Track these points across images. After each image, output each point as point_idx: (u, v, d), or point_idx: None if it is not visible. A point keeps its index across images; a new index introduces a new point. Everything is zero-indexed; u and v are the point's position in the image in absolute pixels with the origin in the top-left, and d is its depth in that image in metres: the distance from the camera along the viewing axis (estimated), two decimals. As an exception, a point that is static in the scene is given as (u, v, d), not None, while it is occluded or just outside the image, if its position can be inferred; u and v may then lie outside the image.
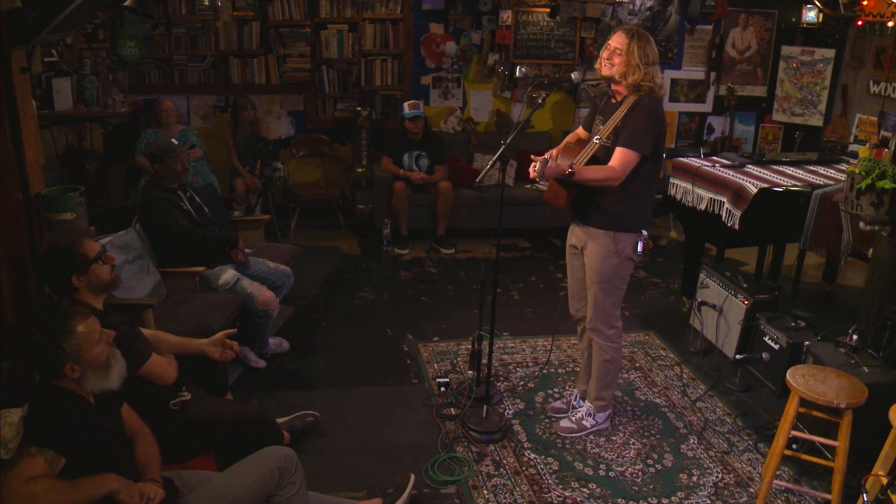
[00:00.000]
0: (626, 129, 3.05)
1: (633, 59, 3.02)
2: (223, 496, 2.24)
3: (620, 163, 3.03)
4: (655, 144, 3.08)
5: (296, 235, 6.56)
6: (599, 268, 3.24)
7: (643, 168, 3.10)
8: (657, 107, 3.09)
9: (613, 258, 3.21)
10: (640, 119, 3.03)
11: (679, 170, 4.87)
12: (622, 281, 3.30)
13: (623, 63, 3.04)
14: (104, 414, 2.17)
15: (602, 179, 3.07)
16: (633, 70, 3.03)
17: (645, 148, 3.03)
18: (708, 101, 7.20)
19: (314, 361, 4.22)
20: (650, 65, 3.04)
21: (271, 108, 6.84)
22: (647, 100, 3.06)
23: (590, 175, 3.06)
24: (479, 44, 6.76)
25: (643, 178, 3.13)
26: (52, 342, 1.99)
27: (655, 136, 3.06)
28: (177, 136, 5.92)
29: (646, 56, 3.03)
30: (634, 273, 5.72)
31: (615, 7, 6.62)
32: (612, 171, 3.04)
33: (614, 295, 3.31)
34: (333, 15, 6.59)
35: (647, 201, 3.23)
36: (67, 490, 1.87)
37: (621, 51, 3.04)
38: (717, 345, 4.38)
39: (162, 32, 6.42)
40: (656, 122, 3.07)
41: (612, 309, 3.33)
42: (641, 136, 3.02)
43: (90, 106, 6.07)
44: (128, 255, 3.64)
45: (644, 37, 3.05)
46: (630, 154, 3.03)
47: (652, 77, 3.06)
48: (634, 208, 3.16)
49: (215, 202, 4.71)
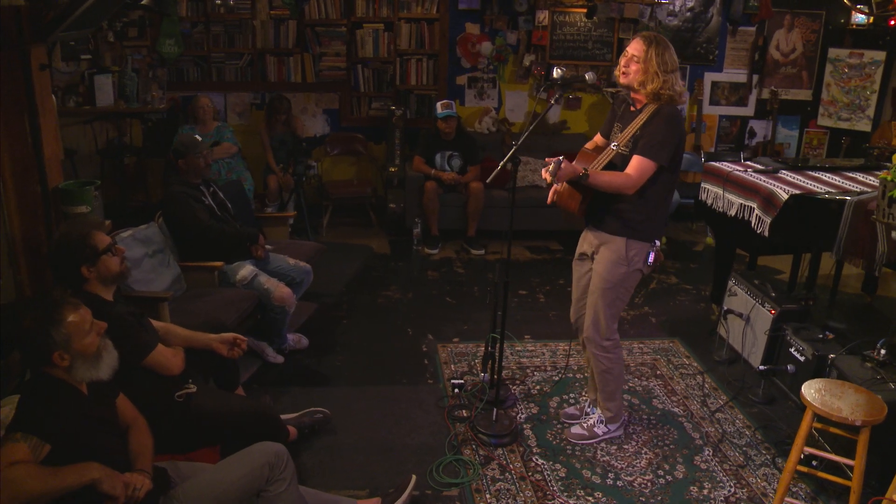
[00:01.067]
0: (644, 137, 2.99)
1: (651, 66, 2.95)
2: (211, 489, 2.27)
3: (636, 171, 2.97)
4: (674, 155, 3.01)
5: (327, 233, 6.61)
6: (607, 274, 3.17)
7: (660, 178, 3.04)
8: (676, 116, 3.03)
9: (623, 266, 3.14)
10: (658, 128, 2.97)
11: (710, 174, 4.75)
12: (626, 292, 3.22)
13: (641, 71, 2.97)
14: (98, 404, 2.21)
15: (616, 186, 3.00)
16: (651, 78, 2.96)
17: (662, 158, 2.97)
18: (750, 104, 7.01)
19: (332, 359, 4.24)
20: (669, 72, 2.96)
21: (307, 106, 6.91)
22: (666, 109, 2.99)
23: (604, 179, 3.00)
24: (515, 44, 6.71)
25: (660, 188, 3.07)
26: (41, 330, 2.04)
27: (674, 146, 2.99)
28: (212, 132, 6.04)
29: (664, 63, 2.95)
30: (665, 278, 5.62)
31: (654, 8, 6.50)
32: (628, 179, 2.98)
33: (614, 306, 3.23)
34: (369, 14, 6.63)
35: (664, 211, 3.16)
36: (48, 476, 1.91)
37: (639, 58, 2.97)
38: (743, 354, 4.25)
39: (201, 30, 6.54)
40: (675, 132, 3.00)
41: (609, 320, 3.25)
42: (659, 146, 2.96)
43: (130, 102, 6.23)
44: (148, 249, 3.71)
45: (662, 43, 2.98)
46: (647, 163, 2.97)
47: (671, 85, 2.99)
48: (651, 217, 3.10)
49: (241, 198, 4.78)
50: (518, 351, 4.38)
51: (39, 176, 2.90)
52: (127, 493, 2.07)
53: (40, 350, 2.04)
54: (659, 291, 5.38)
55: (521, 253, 6.14)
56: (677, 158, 3.09)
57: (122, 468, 2.15)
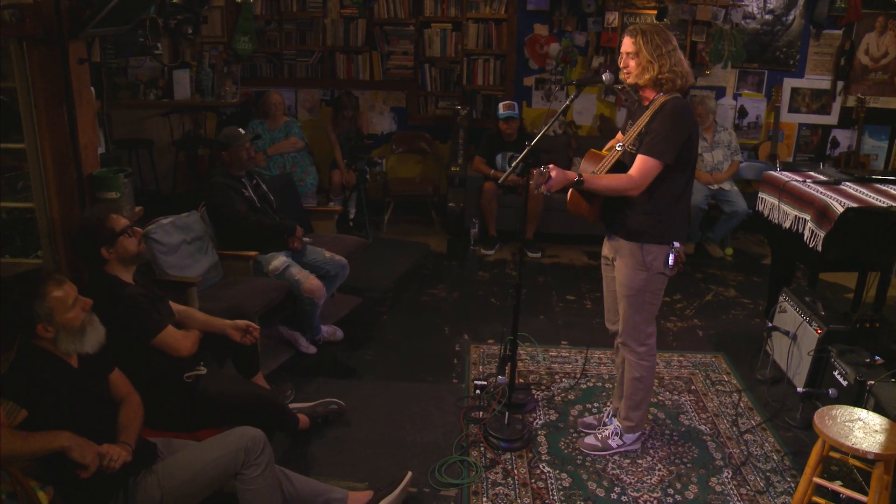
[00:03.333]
0: (649, 134, 2.88)
1: (643, 56, 2.83)
2: (187, 467, 2.36)
3: (639, 171, 2.86)
4: (683, 151, 2.87)
5: (388, 229, 6.70)
6: (628, 281, 3.08)
7: (670, 177, 2.90)
8: (682, 110, 2.87)
9: (642, 272, 3.03)
10: (662, 125, 2.84)
11: (767, 184, 4.52)
12: (653, 296, 3.10)
13: (637, 65, 2.87)
14: (88, 377, 2.34)
15: (619, 189, 2.90)
16: (645, 68, 2.84)
17: (666, 156, 2.84)
18: (833, 112, 6.61)
19: (363, 353, 4.31)
20: (663, 55, 2.82)
21: (375, 104, 7.03)
22: (671, 103, 2.86)
23: (603, 183, 2.91)
24: (583, 46, 6.59)
25: (671, 188, 2.93)
26: (25, 303, 2.17)
27: (679, 142, 2.85)
28: (281, 127, 6.27)
29: (655, 48, 2.82)
30: (723, 291, 5.39)
31: (728, 10, 6.22)
32: (630, 181, 2.87)
33: (645, 311, 3.12)
34: (437, 14, 6.68)
35: (679, 212, 3.01)
36: (17, 440, 2.03)
37: (632, 53, 2.87)
38: (787, 375, 4.03)
39: (274, 28, 6.77)
40: (680, 127, 2.85)
41: (643, 325, 3.15)
42: (663, 143, 2.83)
43: (205, 96, 6.53)
44: (186, 236, 3.88)
45: (649, 30, 2.86)
46: (650, 162, 2.85)
47: (669, 67, 2.84)
48: (663, 219, 2.97)
49: (290, 191, 4.92)
50: (552, 356, 4.31)
51: (75, 163, 3.09)
52: (102, 464, 2.18)
53: (24, 321, 2.18)
54: (713, 304, 5.17)
55: (579, 258, 6.03)
56: (688, 155, 2.94)
57: (105, 439, 2.26)
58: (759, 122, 6.65)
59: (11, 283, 2.19)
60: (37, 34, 2.89)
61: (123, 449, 2.27)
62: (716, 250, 6.16)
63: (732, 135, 6.19)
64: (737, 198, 5.99)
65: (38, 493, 2.16)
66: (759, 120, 6.65)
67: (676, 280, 5.57)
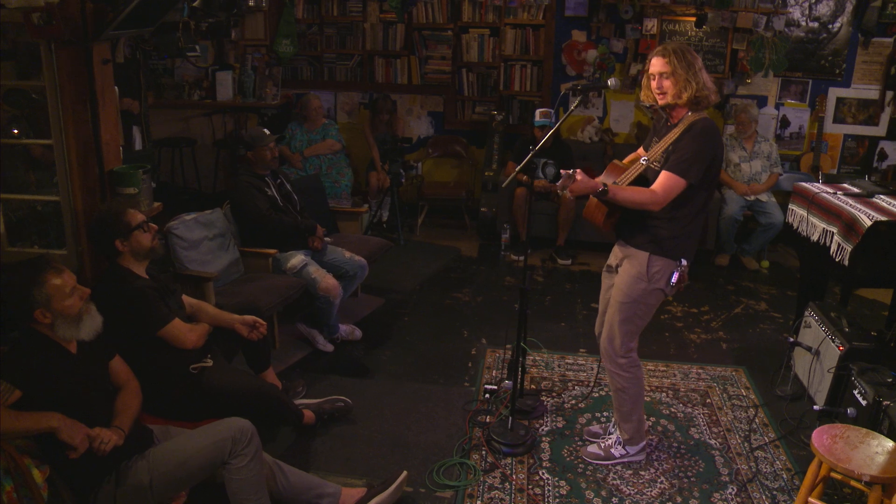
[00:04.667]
0: (676, 153, 2.85)
1: (679, 75, 2.81)
2: (176, 454, 2.44)
3: (664, 188, 2.83)
4: (707, 172, 2.85)
5: (421, 232, 6.76)
6: (626, 288, 3.05)
7: (693, 195, 2.89)
8: (711, 131, 2.86)
9: (643, 282, 3.00)
10: (691, 144, 2.82)
11: (798, 195, 4.40)
12: (645, 310, 3.06)
13: (674, 84, 2.83)
14: (86, 363, 2.44)
15: (640, 202, 2.87)
16: (684, 86, 2.82)
17: (692, 176, 2.81)
18: (882, 123, 6.37)
19: (380, 353, 4.35)
20: (697, 71, 2.82)
21: (412, 108, 7.10)
22: (701, 123, 2.84)
23: (626, 195, 2.88)
24: (621, 52, 6.53)
25: (692, 206, 2.91)
26: (24, 289, 2.28)
27: (706, 163, 2.83)
28: (318, 129, 6.38)
29: (690, 65, 2.81)
30: (754, 304, 5.27)
31: (771, 17, 6.07)
32: (653, 196, 2.84)
33: (632, 323, 3.08)
34: (475, 19, 6.71)
35: (694, 229, 2.98)
36: (8, 418, 2.13)
37: (667, 73, 2.84)
38: (809, 392, 3.91)
39: (315, 32, 6.91)
40: (708, 148, 2.83)
41: (624, 336, 3.10)
42: (690, 163, 2.81)
43: (247, 97, 6.70)
44: (209, 232, 3.99)
45: (679, 47, 2.84)
46: (675, 180, 2.82)
47: (703, 84, 2.84)
48: (680, 234, 2.94)
49: (317, 192, 5.01)
50: (567, 363, 4.28)
51: (98, 159, 3.22)
52: (93, 446, 2.27)
53: (23, 306, 2.29)
54: (741, 317, 5.05)
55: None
56: (711, 175, 2.92)
57: (100, 423, 2.36)
58: (801, 132, 6.47)
59: (14, 269, 2.30)
60: (63, 36, 3.03)
61: (115, 433, 2.36)
62: (751, 263, 6.02)
63: (773, 146, 6.03)
64: (774, 210, 5.84)
65: (33, 470, 2.26)
66: (801, 130, 6.47)
67: (706, 292, 5.48)
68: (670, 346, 4.56)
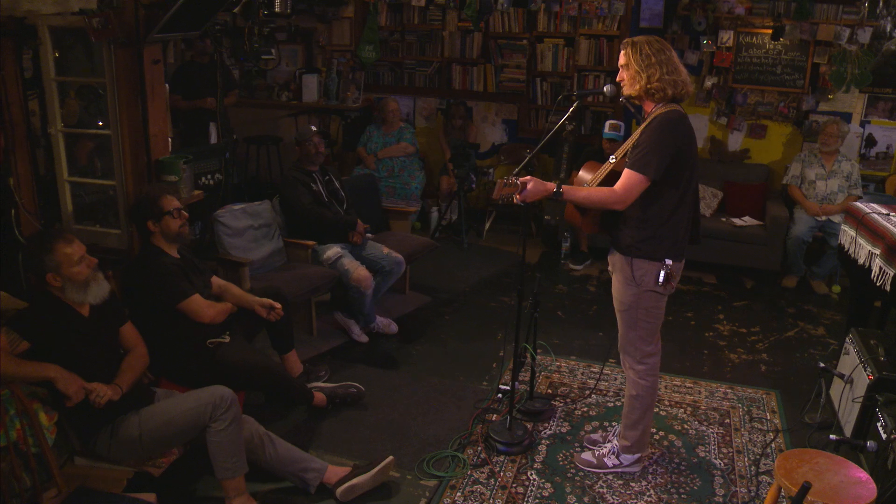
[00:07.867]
0: (635, 148, 2.85)
1: (632, 68, 2.83)
2: (163, 413, 2.72)
3: (623, 185, 2.83)
4: (671, 166, 2.80)
5: (487, 237, 6.87)
6: (620, 296, 3.06)
7: (661, 193, 2.85)
8: (668, 124, 2.80)
9: (632, 287, 3.00)
10: (647, 139, 2.80)
11: (850, 215, 4.21)
12: (647, 313, 3.05)
13: (628, 76, 2.85)
14: (96, 326, 2.74)
15: (601, 201, 2.88)
16: (634, 78, 2.83)
17: (649, 171, 2.78)
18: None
19: (411, 347, 4.52)
20: (653, 65, 2.78)
21: (487, 115, 7.24)
22: (660, 116, 2.81)
23: (582, 195, 2.90)
24: (695, 65, 6.38)
25: (662, 206, 2.87)
26: (36, 254, 2.61)
27: (666, 156, 2.78)
28: (394, 132, 6.65)
29: (644, 58, 2.80)
30: (812, 329, 5.04)
31: (855, 29, 5.76)
32: (612, 194, 2.85)
33: (639, 328, 3.07)
34: (550, 29, 6.77)
35: (671, 228, 2.91)
36: (11, 363, 2.43)
37: (624, 65, 2.87)
38: (839, 420, 3.74)
39: (397, 39, 7.19)
40: (667, 141, 2.78)
41: (638, 342, 3.10)
42: (648, 158, 2.78)
43: (330, 100, 7.06)
44: (254, 222, 4.30)
45: (639, 42, 2.84)
46: (634, 176, 2.80)
47: (659, 77, 2.79)
48: (655, 236, 2.90)
49: (369, 191, 5.25)
50: (592, 372, 4.28)
51: (146, 149, 3.57)
52: (89, 398, 2.56)
53: (35, 269, 2.62)
54: (792, 340, 4.85)
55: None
56: (678, 171, 2.85)
57: (100, 379, 2.64)
58: (890, 152, 6.09)
59: (32, 237, 2.64)
60: (119, 38, 3.39)
61: (111, 389, 2.64)
62: (820, 286, 5.73)
63: (855, 167, 5.73)
64: (847, 232, 5.54)
65: (41, 414, 2.57)
66: (890, 150, 6.09)
67: (762, 313, 5.29)
68: (705, 364, 4.46)
